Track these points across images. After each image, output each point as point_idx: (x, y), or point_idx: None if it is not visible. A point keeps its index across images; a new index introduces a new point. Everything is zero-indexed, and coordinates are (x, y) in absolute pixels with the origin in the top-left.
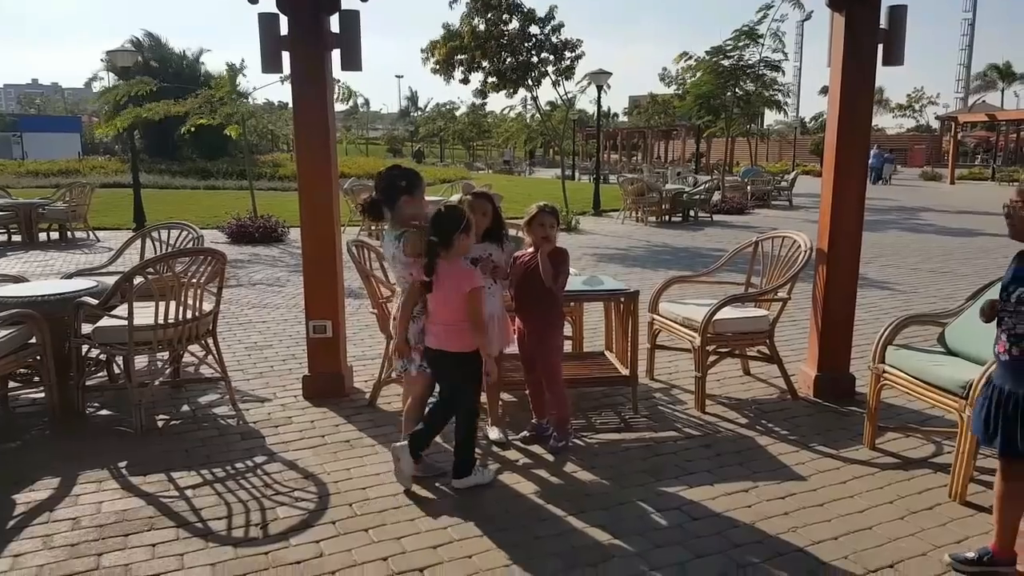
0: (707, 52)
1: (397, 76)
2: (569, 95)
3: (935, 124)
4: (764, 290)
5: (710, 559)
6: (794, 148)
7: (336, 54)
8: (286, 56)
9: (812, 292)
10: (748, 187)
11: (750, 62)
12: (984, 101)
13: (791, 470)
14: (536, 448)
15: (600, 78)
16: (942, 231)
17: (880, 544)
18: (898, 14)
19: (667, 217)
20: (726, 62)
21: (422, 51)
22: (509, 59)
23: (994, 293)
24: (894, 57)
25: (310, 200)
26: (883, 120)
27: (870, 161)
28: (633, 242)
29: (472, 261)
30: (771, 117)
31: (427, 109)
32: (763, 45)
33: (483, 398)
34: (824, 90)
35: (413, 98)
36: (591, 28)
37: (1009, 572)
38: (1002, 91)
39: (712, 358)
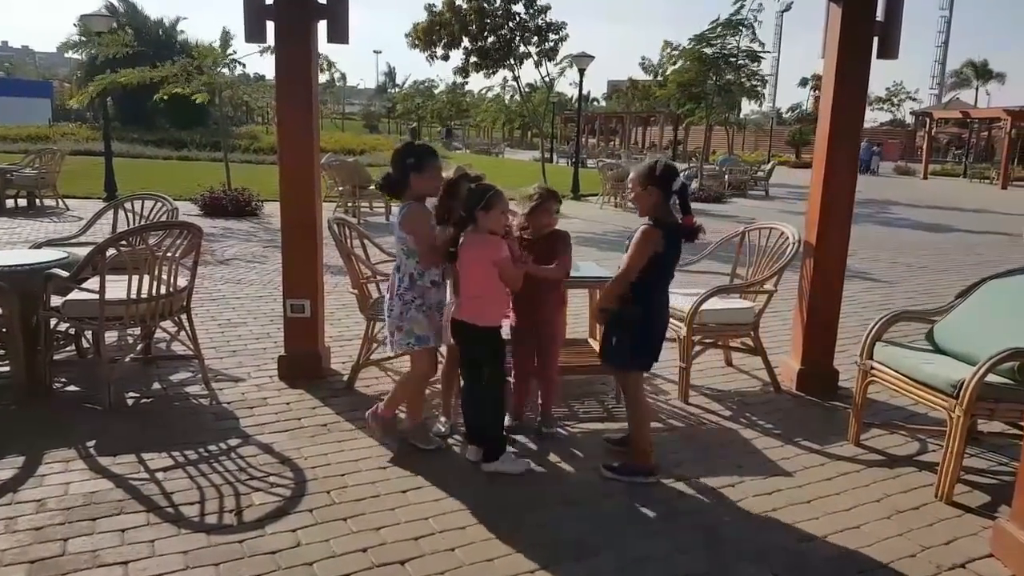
0: (690, 39)
1: (375, 51)
2: (549, 77)
3: (910, 119)
4: (751, 281)
5: (695, 554)
6: (770, 138)
7: (322, 25)
8: (270, 26)
9: (798, 285)
10: (726, 176)
11: (732, 52)
12: (958, 98)
13: (777, 465)
14: (520, 438)
15: (582, 61)
16: (916, 226)
17: (870, 544)
18: (895, 7)
19: None
20: (708, 50)
21: (406, 35)
22: (491, 38)
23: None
24: (889, 50)
25: (290, 174)
26: None
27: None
28: (613, 227)
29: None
30: (748, 107)
31: (405, 86)
32: (742, 35)
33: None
34: (803, 82)
35: (391, 74)
36: (570, 6)
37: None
38: (976, 89)
39: (696, 349)
